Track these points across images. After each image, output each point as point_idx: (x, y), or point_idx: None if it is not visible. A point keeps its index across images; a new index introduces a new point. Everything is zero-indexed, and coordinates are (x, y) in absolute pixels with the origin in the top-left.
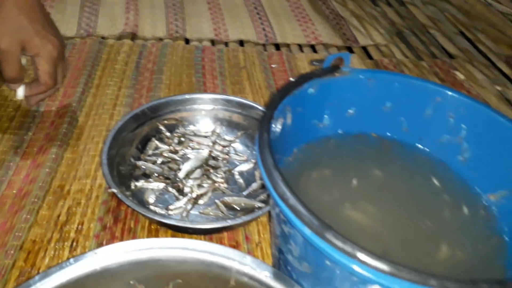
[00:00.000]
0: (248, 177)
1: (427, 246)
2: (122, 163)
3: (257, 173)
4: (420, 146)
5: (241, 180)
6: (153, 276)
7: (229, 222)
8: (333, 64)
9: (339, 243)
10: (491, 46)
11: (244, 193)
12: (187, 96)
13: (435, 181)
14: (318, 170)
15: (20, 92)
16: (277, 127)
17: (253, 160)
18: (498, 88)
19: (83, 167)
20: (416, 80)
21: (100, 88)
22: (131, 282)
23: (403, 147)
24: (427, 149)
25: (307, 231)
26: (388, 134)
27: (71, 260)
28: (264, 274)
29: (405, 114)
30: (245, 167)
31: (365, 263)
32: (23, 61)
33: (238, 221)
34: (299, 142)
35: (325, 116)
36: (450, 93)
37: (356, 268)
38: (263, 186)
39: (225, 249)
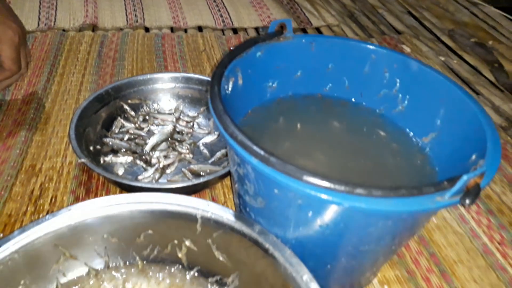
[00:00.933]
0: (212, 148)
1: (370, 181)
2: (90, 142)
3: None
4: (362, 102)
5: (205, 151)
6: (125, 229)
7: (194, 181)
8: (276, 30)
9: (281, 166)
10: (436, 22)
11: (209, 161)
12: (148, 76)
13: (378, 131)
14: (271, 127)
15: None
16: (229, 86)
17: (216, 133)
18: (442, 58)
19: (53, 148)
20: (352, 41)
21: (64, 76)
22: (105, 236)
23: (347, 104)
24: (369, 105)
25: (254, 160)
26: (333, 93)
27: (47, 216)
28: (227, 217)
29: (346, 73)
30: (209, 138)
31: (306, 181)
32: None
33: (202, 179)
34: (252, 104)
35: (275, 79)
36: (382, 50)
37: (297, 186)
38: (227, 154)
39: (190, 199)
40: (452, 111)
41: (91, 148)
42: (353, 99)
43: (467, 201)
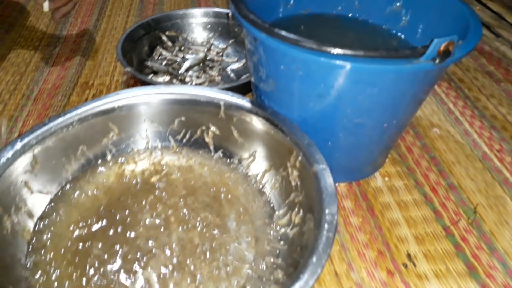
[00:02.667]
0: (239, 73)
1: None
2: (132, 65)
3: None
4: (369, 20)
5: (232, 75)
6: (163, 115)
7: (226, 86)
8: None
9: (285, 34)
10: None
11: (235, 84)
12: (183, 11)
13: (383, 39)
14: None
15: (46, 5)
16: None
17: (243, 61)
18: None
19: (103, 69)
20: None
21: (112, 17)
22: (146, 119)
23: (357, 21)
24: (376, 22)
25: (262, 35)
26: (345, 12)
27: (101, 96)
28: (245, 103)
29: None
30: (236, 65)
31: (303, 45)
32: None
33: (230, 85)
34: (270, 18)
35: None
36: None
37: (297, 52)
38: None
39: (215, 90)
40: (446, 16)
41: (134, 68)
42: (362, 18)
43: (437, 61)
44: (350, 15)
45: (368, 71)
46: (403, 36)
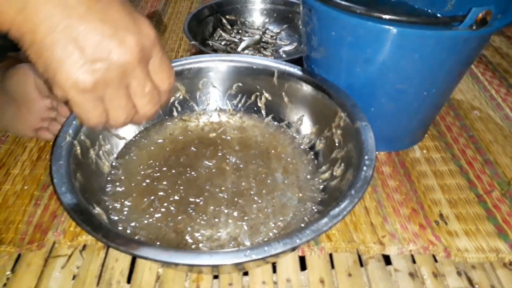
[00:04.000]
0: (290, 54)
1: None
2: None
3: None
4: (416, 5)
5: (284, 56)
6: (223, 80)
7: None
8: None
9: (337, 1)
10: None
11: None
12: None
13: None
14: None
15: None
16: None
17: (295, 44)
18: None
19: (169, 46)
20: None
21: (177, 3)
22: (208, 83)
23: (403, 4)
24: (422, 6)
25: (316, 2)
26: None
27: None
28: (297, 71)
29: None
30: (288, 47)
31: (353, 11)
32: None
33: (286, 59)
34: None
35: None
36: None
37: (347, 18)
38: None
39: (269, 59)
40: None
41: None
42: (408, 1)
43: (474, 27)
44: None
45: (411, 36)
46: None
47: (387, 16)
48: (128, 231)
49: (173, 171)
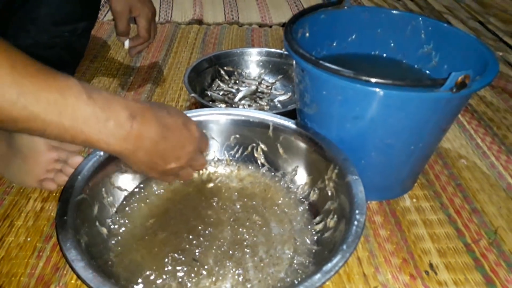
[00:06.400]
0: (285, 104)
1: None
2: (195, 92)
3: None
4: (403, 60)
5: (279, 105)
6: (222, 131)
7: (275, 111)
8: (338, 0)
9: (328, 65)
10: (500, 26)
11: (282, 110)
12: (240, 50)
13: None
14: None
15: (126, 43)
16: (298, 34)
17: (289, 94)
18: (500, 53)
19: (169, 96)
20: (396, 10)
21: (178, 53)
22: (209, 135)
23: (392, 61)
24: (409, 62)
25: (308, 66)
26: (382, 53)
27: None
28: (290, 124)
29: (391, 36)
30: (283, 97)
31: (342, 75)
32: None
33: (281, 110)
34: (316, 56)
35: (334, 39)
36: (420, 18)
37: (337, 80)
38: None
39: (265, 113)
40: (468, 55)
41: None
42: (397, 58)
43: (454, 90)
44: (385, 55)
45: (396, 97)
46: (431, 75)
47: (373, 80)
48: (132, 284)
49: (172, 221)
